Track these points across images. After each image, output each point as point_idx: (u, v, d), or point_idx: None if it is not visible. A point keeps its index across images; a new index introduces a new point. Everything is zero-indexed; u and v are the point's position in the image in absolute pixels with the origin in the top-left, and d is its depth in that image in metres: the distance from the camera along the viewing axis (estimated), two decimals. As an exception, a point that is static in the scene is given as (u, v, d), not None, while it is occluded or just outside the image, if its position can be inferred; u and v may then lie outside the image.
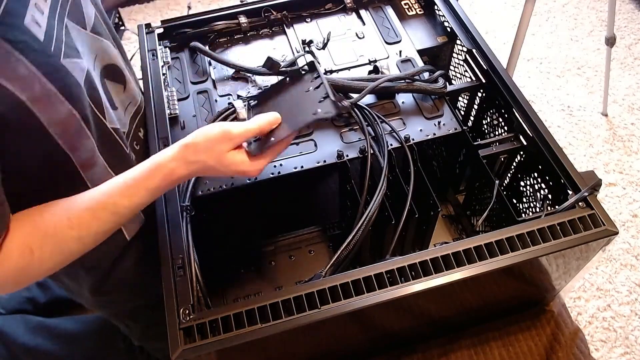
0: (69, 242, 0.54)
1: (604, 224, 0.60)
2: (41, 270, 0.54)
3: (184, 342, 0.53)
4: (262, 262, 0.88)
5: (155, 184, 0.55)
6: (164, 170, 0.55)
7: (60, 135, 0.54)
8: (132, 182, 0.54)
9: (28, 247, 0.51)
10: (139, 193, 0.55)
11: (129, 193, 0.54)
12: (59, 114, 0.52)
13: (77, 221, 0.53)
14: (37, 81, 0.49)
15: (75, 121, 0.55)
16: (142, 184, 0.55)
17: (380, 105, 0.77)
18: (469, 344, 0.76)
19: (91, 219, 0.54)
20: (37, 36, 0.49)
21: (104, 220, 0.54)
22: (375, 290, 0.55)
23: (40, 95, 0.49)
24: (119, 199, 0.54)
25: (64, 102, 0.52)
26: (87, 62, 0.60)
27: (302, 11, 0.90)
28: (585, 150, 1.59)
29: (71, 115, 0.54)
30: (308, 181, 0.80)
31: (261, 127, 0.57)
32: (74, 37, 0.57)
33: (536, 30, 1.93)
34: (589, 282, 1.32)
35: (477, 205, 0.85)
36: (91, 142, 0.59)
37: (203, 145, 0.55)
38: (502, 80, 0.74)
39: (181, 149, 0.55)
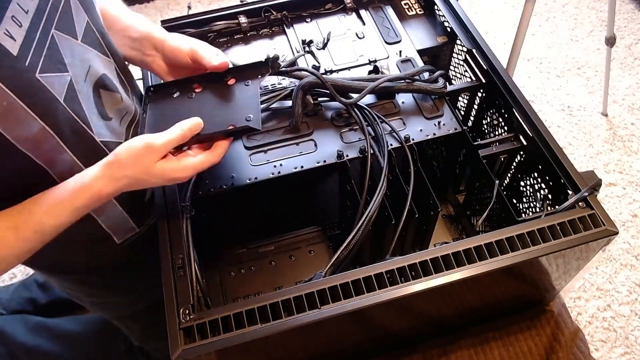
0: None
1: (604, 224, 0.60)
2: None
3: (184, 342, 0.53)
4: (262, 262, 0.88)
5: (82, 204, 0.54)
6: (90, 191, 0.54)
7: (32, 151, 0.53)
8: (58, 202, 0.53)
9: None
10: (65, 213, 0.54)
11: (55, 213, 0.53)
12: (30, 131, 0.51)
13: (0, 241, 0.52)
14: (4, 98, 0.48)
15: (49, 137, 0.54)
16: (68, 204, 0.54)
17: (380, 105, 0.77)
18: (469, 344, 0.76)
19: (15, 239, 0.52)
20: (9, 51, 0.48)
21: (28, 239, 0.53)
22: (375, 290, 0.55)
23: (6, 111, 0.48)
24: (44, 218, 0.53)
25: (35, 119, 0.51)
26: (78, 73, 0.59)
27: (302, 11, 0.90)
28: (585, 150, 1.59)
29: (43, 130, 0.53)
30: (308, 181, 0.80)
31: (184, 135, 0.57)
32: (63, 48, 0.56)
33: (536, 30, 1.93)
34: (589, 282, 1.32)
35: (477, 205, 0.85)
36: (68, 156, 0.58)
37: (128, 161, 0.54)
38: (502, 80, 0.74)
39: (105, 167, 0.54)
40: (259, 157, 0.72)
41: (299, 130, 0.74)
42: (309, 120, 0.75)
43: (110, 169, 0.54)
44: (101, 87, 0.65)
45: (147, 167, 0.55)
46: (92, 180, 0.54)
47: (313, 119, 0.75)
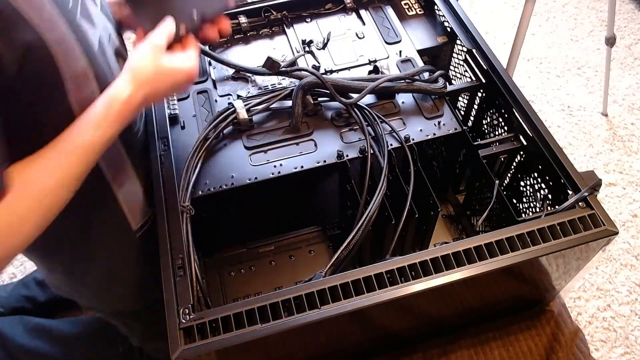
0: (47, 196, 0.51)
1: (604, 224, 0.60)
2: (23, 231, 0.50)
3: (184, 342, 0.53)
4: (262, 262, 0.88)
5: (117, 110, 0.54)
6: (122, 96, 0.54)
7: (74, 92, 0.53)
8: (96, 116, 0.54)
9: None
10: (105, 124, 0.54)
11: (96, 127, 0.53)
12: (77, 67, 0.53)
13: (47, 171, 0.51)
14: (62, 25, 0.50)
15: (89, 81, 0.55)
16: (108, 114, 0.54)
17: (380, 105, 0.77)
18: (469, 344, 0.76)
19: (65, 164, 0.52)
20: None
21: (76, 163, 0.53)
22: (375, 290, 0.55)
23: (63, 39, 0.50)
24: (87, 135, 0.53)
25: (81, 57, 0.53)
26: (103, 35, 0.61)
27: (302, 11, 0.90)
28: (585, 150, 1.59)
29: (87, 70, 0.54)
30: (308, 181, 0.80)
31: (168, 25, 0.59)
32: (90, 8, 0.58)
33: (536, 30, 1.93)
34: (589, 282, 1.32)
35: (477, 205, 0.85)
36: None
37: (141, 66, 0.56)
38: (502, 80, 0.74)
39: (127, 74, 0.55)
40: (259, 157, 0.72)
41: (299, 130, 0.74)
42: (309, 120, 0.75)
43: (132, 75, 0.55)
44: (119, 55, 0.66)
45: (158, 65, 0.57)
46: (122, 88, 0.55)
47: (313, 119, 0.75)
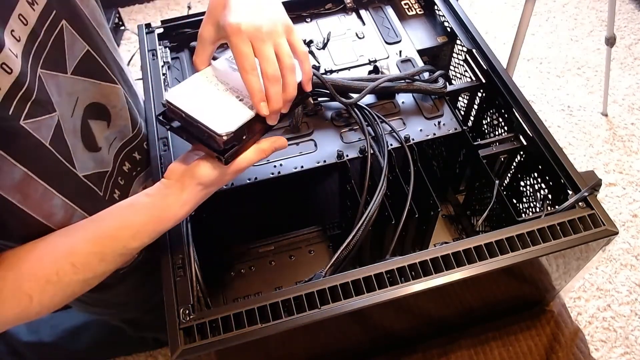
0: (72, 286, 0.53)
1: (604, 224, 0.60)
2: (40, 312, 0.52)
3: (184, 342, 0.53)
4: (262, 262, 0.88)
5: (167, 227, 0.55)
6: (175, 218, 0.54)
7: (23, 202, 0.51)
8: (144, 227, 0.54)
9: (26, 295, 0.50)
10: (150, 236, 0.54)
11: (140, 237, 0.54)
12: (12, 179, 0.50)
13: (83, 267, 0.52)
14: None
15: (34, 183, 0.52)
16: (153, 229, 0.54)
17: (380, 105, 0.77)
18: (469, 344, 0.76)
19: (99, 262, 0.53)
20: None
21: (111, 262, 0.54)
22: (375, 290, 0.55)
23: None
24: (129, 242, 0.53)
25: (17, 165, 0.50)
26: (65, 109, 0.57)
27: (302, 11, 0.90)
28: (585, 150, 1.59)
29: (27, 178, 0.51)
30: (308, 181, 0.80)
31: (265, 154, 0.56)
32: (49, 87, 0.54)
33: (536, 30, 1.93)
34: (589, 282, 1.32)
35: (477, 205, 0.85)
36: (59, 199, 0.57)
37: (212, 183, 0.54)
38: (502, 80, 0.74)
39: (198, 191, 0.54)
40: (259, 157, 0.72)
41: (299, 130, 0.74)
42: (309, 120, 0.75)
43: (195, 192, 0.54)
44: (90, 117, 0.63)
45: (226, 180, 0.55)
46: (179, 208, 0.54)
47: (313, 119, 0.75)
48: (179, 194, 0.54)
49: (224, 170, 0.53)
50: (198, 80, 0.56)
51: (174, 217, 0.54)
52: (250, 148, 0.55)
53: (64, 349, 1.12)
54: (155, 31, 0.85)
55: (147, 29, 0.86)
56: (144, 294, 0.84)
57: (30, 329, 1.12)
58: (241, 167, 0.54)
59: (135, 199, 0.55)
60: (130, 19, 2.05)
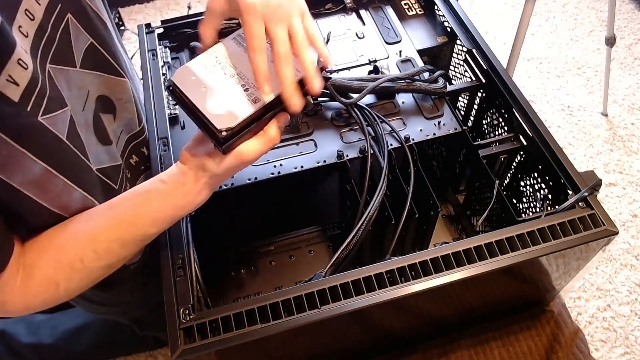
0: (96, 272, 0.54)
1: (604, 224, 0.60)
2: (68, 297, 0.55)
3: (184, 342, 0.53)
4: (262, 262, 0.88)
5: (185, 213, 0.56)
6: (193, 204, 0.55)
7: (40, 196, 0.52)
8: (163, 214, 0.54)
9: (53, 282, 0.52)
10: (168, 221, 0.56)
11: (158, 223, 0.55)
12: (32, 175, 0.50)
13: (105, 253, 0.53)
14: (3, 147, 0.46)
15: (53, 178, 0.53)
16: (172, 216, 0.55)
17: (380, 105, 0.77)
18: (469, 344, 0.76)
19: (120, 248, 0.54)
20: (11, 98, 0.45)
21: (132, 247, 0.55)
22: (375, 290, 0.55)
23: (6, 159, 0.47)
24: (149, 229, 0.54)
25: (36, 161, 0.50)
26: (76, 103, 0.57)
27: (302, 11, 0.90)
28: (585, 150, 1.59)
29: (47, 173, 0.51)
30: (308, 181, 0.80)
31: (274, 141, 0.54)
32: (60, 82, 0.54)
33: (536, 30, 1.93)
34: (589, 282, 1.32)
35: (477, 205, 0.85)
36: (79, 193, 0.57)
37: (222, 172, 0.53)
38: (502, 80, 0.74)
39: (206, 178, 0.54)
40: (259, 157, 0.72)
41: (299, 130, 0.74)
42: (309, 120, 0.75)
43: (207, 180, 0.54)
44: (102, 109, 0.63)
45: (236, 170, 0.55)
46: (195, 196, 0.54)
47: (313, 119, 0.75)
48: (195, 183, 0.54)
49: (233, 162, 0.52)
50: (207, 61, 0.54)
51: (190, 204, 0.55)
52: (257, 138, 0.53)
53: (63, 350, 1.12)
54: (155, 31, 0.85)
55: (147, 29, 0.86)
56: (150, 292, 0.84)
57: (30, 330, 1.12)
58: (249, 158, 0.53)
59: (151, 185, 0.55)
60: (130, 19, 2.05)
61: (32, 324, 1.13)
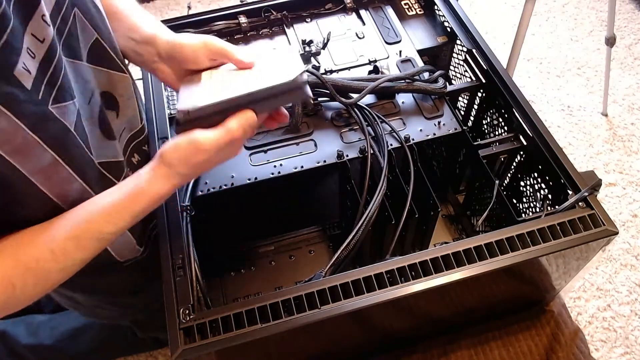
0: (52, 274, 0.52)
1: (604, 224, 0.60)
2: (23, 302, 0.52)
3: (184, 342, 0.53)
4: (262, 262, 0.88)
5: (141, 208, 0.54)
6: (149, 194, 0.54)
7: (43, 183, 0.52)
8: (118, 209, 0.53)
9: (10, 282, 0.50)
10: (125, 218, 0.54)
11: (114, 219, 0.53)
12: (42, 163, 0.50)
13: (61, 253, 0.52)
14: (19, 134, 0.47)
15: (60, 168, 0.53)
16: (127, 209, 0.53)
17: (380, 105, 0.77)
18: (469, 344, 0.76)
19: (75, 249, 0.52)
20: (24, 85, 0.46)
21: (88, 247, 0.53)
22: (375, 290, 0.55)
23: (20, 146, 0.47)
24: (104, 226, 0.53)
25: (47, 150, 0.50)
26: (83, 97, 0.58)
27: (302, 11, 0.90)
28: (585, 150, 1.59)
29: (55, 162, 0.52)
30: (308, 181, 0.80)
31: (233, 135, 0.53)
32: (70, 74, 0.55)
33: (536, 30, 1.93)
34: (589, 282, 1.32)
35: (477, 205, 0.85)
36: (79, 184, 0.57)
37: (177, 161, 0.53)
38: (502, 80, 0.74)
39: (157, 169, 0.54)
40: (259, 157, 0.72)
41: (299, 130, 0.74)
42: (309, 120, 0.75)
43: (162, 170, 0.53)
44: (106, 104, 0.64)
45: (196, 164, 0.54)
46: (148, 184, 0.53)
47: (313, 119, 0.75)
48: (150, 172, 0.54)
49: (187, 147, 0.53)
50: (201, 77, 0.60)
51: (144, 194, 0.53)
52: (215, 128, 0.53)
53: (63, 351, 1.12)
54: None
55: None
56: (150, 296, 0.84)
57: (30, 331, 1.12)
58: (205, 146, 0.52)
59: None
60: (130, 19, 2.05)
61: (32, 325, 1.13)
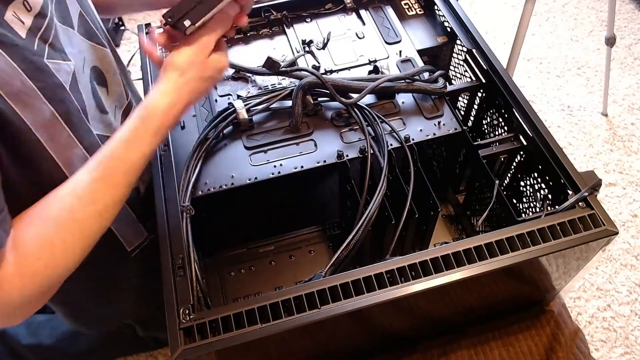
0: (89, 221, 0.50)
1: (604, 224, 0.60)
2: (67, 261, 0.50)
3: (184, 342, 0.53)
4: (262, 262, 0.88)
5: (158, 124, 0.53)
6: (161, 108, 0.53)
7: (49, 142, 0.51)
8: (133, 132, 0.52)
9: (48, 241, 0.47)
10: (146, 140, 0.52)
11: (135, 145, 0.52)
12: (42, 115, 0.50)
13: (92, 196, 0.50)
14: (18, 77, 0.47)
15: (60, 127, 0.53)
16: (145, 129, 0.52)
17: (380, 105, 0.77)
18: (469, 344, 0.76)
19: (106, 188, 0.51)
20: (18, 33, 0.48)
21: (118, 183, 0.52)
22: (375, 290, 0.55)
23: (20, 91, 0.47)
24: (128, 154, 0.51)
25: (46, 103, 0.50)
26: (78, 63, 0.59)
27: (302, 11, 0.90)
28: (585, 150, 1.59)
29: (54, 117, 0.52)
30: (308, 181, 0.80)
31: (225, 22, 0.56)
32: (62, 39, 0.56)
33: (536, 30, 1.93)
34: (589, 282, 1.32)
35: (477, 205, 0.85)
36: (80, 150, 0.57)
37: (186, 64, 0.54)
38: (502, 80, 0.74)
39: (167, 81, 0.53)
40: (259, 157, 0.72)
41: (299, 130, 0.74)
42: (309, 120, 0.75)
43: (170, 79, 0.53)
44: (97, 80, 0.64)
45: (202, 61, 0.54)
46: (158, 97, 0.53)
47: (313, 119, 0.75)
48: (158, 86, 0.53)
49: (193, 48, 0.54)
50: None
51: (156, 108, 0.53)
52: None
53: (63, 351, 1.12)
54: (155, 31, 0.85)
55: (147, 29, 0.85)
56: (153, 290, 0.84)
57: (30, 331, 1.12)
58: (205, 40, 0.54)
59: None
60: (130, 19, 2.05)
61: (32, 325, 1.13)
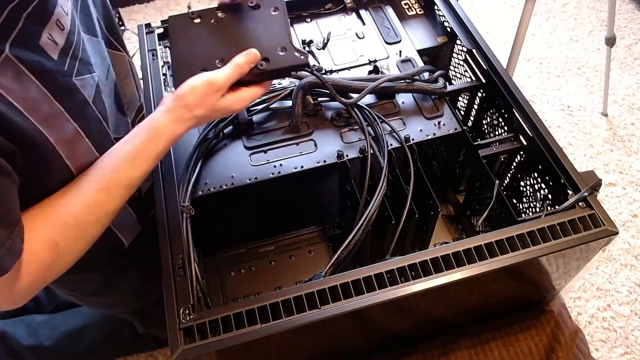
0: (89, 227, 0.55)
1: (604, 224, 0.60)
2: (67, 261, 0.54)
3: (184, 342, 0.53)
4: (262, 262, 0.88)
5: (160, 149, 0.56)
6: (165, 135, 0.56)
7: (69, 156, 0.54)
8: (139, 153, 0.55)
9: (52, 241, 0.51)
10: (147, 161, 0.56)
11: (138, 164, 0.56)
12: (66, 134, 0.53)
13: (95, 205, 0.54)
14: (46, 102, 0.49)
15: (82, 140, 0.56)
16: (148, 152, 0.56)
17: (380, 105, 0.77)
18: (469, 344, 0.76)
19: (107, 199, 0.55)
20: (51, 56, 0.50)
21: (118, 195, 0.56)
22: (375, 290, 0.55)
23: (48, 115, 0.50)
24: (129, 172, 0.55)
25: (70, 121, 0.53)
26: (101, 72, 0.60)
27: (302, 11, 0.90)
28: (585, 150, 1.59)
29: (77, 134, 0.55)
30: (308, 181, 0.80)
31: (241, 69, 0.58)
32: (88, 49, 0.58)
33: (536, 30, 1.93)
34: (589, 282, 1.32)
35: (477, 205, 0.84)
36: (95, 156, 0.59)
37: (194, 102, 0.56)
38: (502, 80, 0.74)
39: (173, 111, 0.56)
40: (259, 157, 0.72)
41: (299, 130, 0.74)
42: (309, 120, 0.75)
43: (179, 112, 0.56)
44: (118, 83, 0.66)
45: (212, 104, 0.57)
46: (165, 126, 0.56)
47: (313, 119, 0.75)
48: (167, 114, 0.56)
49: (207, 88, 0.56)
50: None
51: (161, 134, 0.56)
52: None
53: (63, 351, 1.12)
54: (155, 31, 0.85)
55: (147, 29, 0.85)
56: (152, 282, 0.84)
57: (30, 332, 1.12)
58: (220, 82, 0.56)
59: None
60: (130, 19, 2.05)
61: (32, 325, 1.13)
